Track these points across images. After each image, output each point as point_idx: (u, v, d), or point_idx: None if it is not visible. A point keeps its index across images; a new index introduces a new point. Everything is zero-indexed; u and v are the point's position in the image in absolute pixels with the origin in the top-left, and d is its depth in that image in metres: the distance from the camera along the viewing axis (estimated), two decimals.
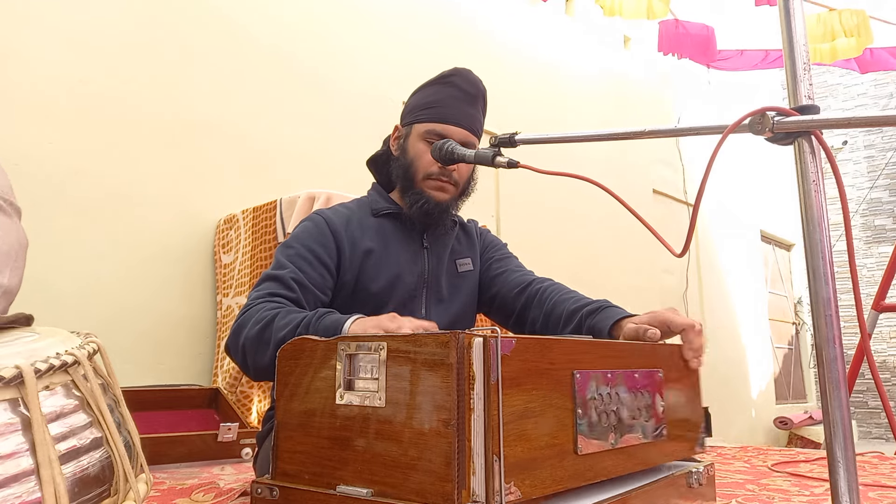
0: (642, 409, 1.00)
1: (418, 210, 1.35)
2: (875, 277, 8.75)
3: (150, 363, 2.41)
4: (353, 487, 0.81)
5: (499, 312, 1.46)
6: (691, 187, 5.93)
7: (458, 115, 1.36)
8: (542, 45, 4.68)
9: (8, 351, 0.66)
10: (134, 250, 2.44)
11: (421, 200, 1.34)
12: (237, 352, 1.16)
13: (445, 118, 1.35)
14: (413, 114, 1.40)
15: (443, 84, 1.39)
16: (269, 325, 1.10)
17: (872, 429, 8.62)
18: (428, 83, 1.42)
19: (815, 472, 1.86)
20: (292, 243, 1.29)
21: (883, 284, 2.37)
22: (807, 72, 0.93)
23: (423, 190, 1.35)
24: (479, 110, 1.41)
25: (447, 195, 1.36)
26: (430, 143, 1.34)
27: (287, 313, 1.11)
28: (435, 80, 1.41)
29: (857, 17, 4.01)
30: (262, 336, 1.10)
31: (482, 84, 1.42)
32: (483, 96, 1.42)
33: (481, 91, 1.41)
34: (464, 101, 1.37)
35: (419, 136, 1.36)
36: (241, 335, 1.14)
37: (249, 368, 1.16)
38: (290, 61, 3.06)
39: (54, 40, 2.34)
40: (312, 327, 1.06)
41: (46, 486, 0.59)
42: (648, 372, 1.03)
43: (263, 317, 1.12)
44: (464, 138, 1.35)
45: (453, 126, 1.35)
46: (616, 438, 0.93)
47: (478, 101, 1.40)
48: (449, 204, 1.37)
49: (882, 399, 1.46)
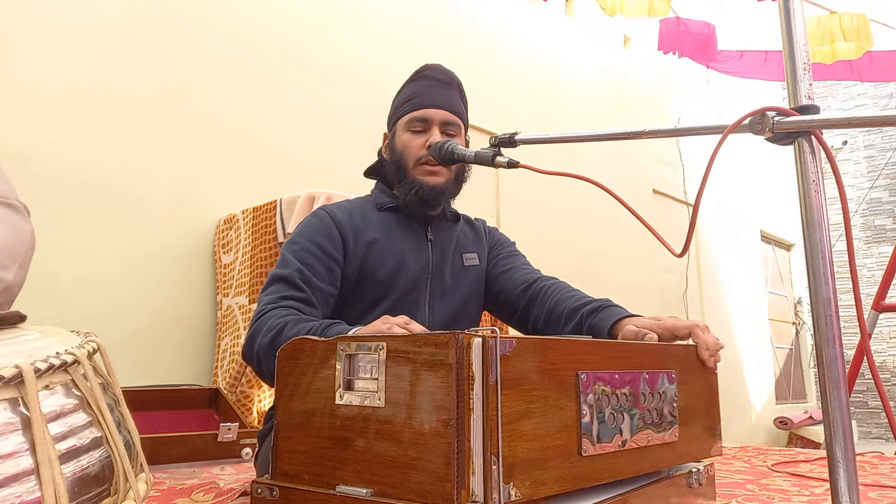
0: (653, 411, 0.99)
1: (413, 197, 1.36)
2: (875, 277, 8.74)
3: (150, 363, 2.41)
4: (352, 487, 0.81)
5: (503, 309, 1.47)
6: (691, 187, 5.93)
7: (435, 99, 1.38)
8: (542, 45, 4.68)
9: (8, 350, 0.66)
10: (134, 250, 2.44)
11: (415, 187, 1.35)
12: (252, 359, 1.18)
13: (423, 104, 1.38)
14: (395, 114, 1.43)
15: (416, 79, 1.43)
16: (279, 335, 1.11)
17: (872, 429, 8.62)
18: (403, 84, 1.46)
19: (815, 472, 1.86)
20: (297, 239, 1.30)
21: (883, 284, 2.37)
22: (807, 72, 0.93)
23: (415, 178, 1.36)
24: (456, 95, 1.43)
25: (441, 178, 1.36)
26: (414, 132, 1.37)
27: (297, 322, 1.13)
28: (408, 79, 1.45)
29: (857, 20, 4.01)
30: (274, 345, 1.10)
31: (455, 74, 1.45)
32: (458, 84, 1.45)
33: (454, 79, 1.44)
34: (438, 86, 1.40)
35: (403, 129, 1.39)
36: (255, 344, 1.16)
37: (266, 377, 1.18)
38: (291, 61, 3.06)
39: (54, 40, 2.34)
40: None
41: (46, 485, 0.59)
42: (660, 373, 1.02)
43: (275, 325, 1.13)
44: (446, 118, 1.37)
45: (432, 108, 1.37)
46: (625, 440, 0.92)
47: (452, 87, 1.43)
48: (444, 188, 1.37)
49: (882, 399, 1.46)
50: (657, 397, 1.00)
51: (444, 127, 1.37)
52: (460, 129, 1.40)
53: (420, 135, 1.36)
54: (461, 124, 1.41)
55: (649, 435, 0.98)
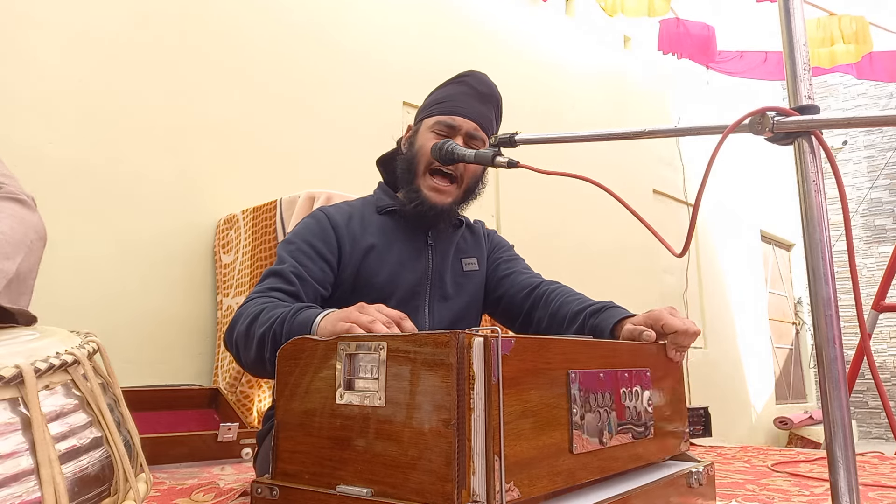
0: (631, 408, 1.00)
1: (413, 210, 1.35)
2: (875, 277, 8.74)
3: (150, 363, 2.41)
4: (353, 487, 0.81)
5: (505, 314, 1.46)
6: (691, 187, 5.93)
7: (467, 109, 1.37)
8: (543, 46, 4.68)
9: (8, 350, 0.66)
10: (134, 250, 2.44)
11: (416, 200, 1.34)
12: (231, 345, 1.18)
13: (454, 110, 1.36)
14: (425, 110, 1.41)
15: (456, 83, 1.41)
16: (254, 321, 1.11)
17: (872, 429, 8.62)
18: (443, 83, 1.44)
19: (815, 472, 1.86)
20: (293, 239, 1.30)
21: (883, 284, 2.37)
22: (807, 72, 0.93)
23: (420, 187, 1.35)
24: (491, 110, 1.42)
25: (447, 199, 1.35)
26: (438, 135, 1.35)
27: (272, 308, 1.12)
28: (449, 80, 1.43)
29: (857, 23, 4.01)
30: (249, 332, 1.11)
31: (496, 88, 1.43)
32: (496, 99, 1.43)
33: (495, 93, 1.43)
34: (475, 97, 1.39)
35: (428, 129, 1.37)
36: (234, 330, 1.16)
37: (243, 363, 1.17)
38: (291, 61, 3.06)
39: (54, 40, 2.34)
40: (287, 323, 1.06)
41: (46, 485, 0.59)
42: (637, 371, 1.03)
43: (252, 312, 1.13)
44: (472, 131, 1.36)
45: (462, 118, 1.36)
46: (607, 437, 0.94)
47: (490, 101, 1.41)
48: (447, 208, 1.36)
49: (882, 399, 1.45)
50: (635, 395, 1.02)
51: (467, 138, 1.36)
52: (484, 145, 1.38)
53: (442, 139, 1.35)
54: (486, 139, 1.39)
55: (629, 432, 0.99)
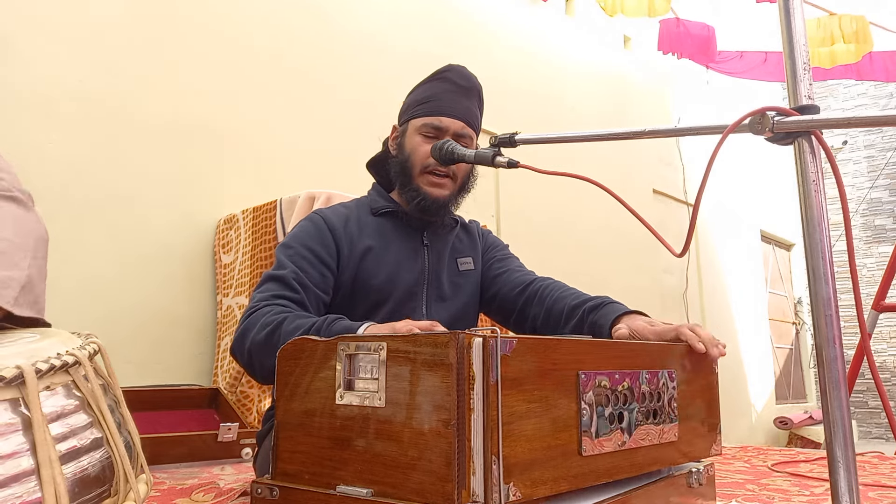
0: (653, 411, 0.99)
1: (416, 207, 1.36)
2: (875, 277, 8.74)
3: (151, 363, 2.41)
4: (353, 487, 0.81)
5: (499, 312, 1.46)
6: (691, 187, 5.93)
7: (453, 108, 1.37)
8: (543, 45, 4.68)
9: (9, 351, 0.66)
10: (134, 250, 2.44)
11: (418, 197, 1.35)
12: (243, 355, 1.15)
13: (440, 111, 1.36)
14: (409, 111, 1.41)
15: (437, 80, 1.41)
16: (276, 330, 1.09)
17: (872, 429, 8.62)
18: (423, 81, 1.43)
19: (815, 472, 1.86)
20: (291, 243, 1.29)
21: (883, 284, 2.37)
22: (807, 72, 0.93)
23: (419, 186, 1.35)
24: (475, 104, 1.42)
25: (445, 191, 1.37)
26: (426, 137, 1.35)
27: (295, 318, 1.11)
28: (429, 77, 1.43)
29: (857, 22, 4.01)
30: (270, 340, 1.08)
31: (476, 79, 1.43)
32: (478, 91, 1.43)
33: (476, 85, 1.43)
34: (458, 93, 1.39)
35: (416, 131, 1.37)
36: (247, 339, 1.13)
37: (256, 372, 1.15)
38: (291, 61, 3.06)
39: (54, 40, 2.34)
40: (324, 332, 1.04)
41: (47, 486, 0.59)
42: (659, 372, 1.02)
43: (270, 321, 1.11)
44: (460, 130, 1.36)
45: (448, 118, 1.36)
46: (625, 440, 0.93)
47: (472, 94, 1.41)
48: (447, 200, 1.37)
49: (882, 399, 1.46)
50: (656, 397, 1.00)
51: (457, 138, 1.36)
52: (472, 141, 1.40)
53: (431, 141, 1.35)
54: (474, 135, 1.40)
55: (649, 434, 0.98)
